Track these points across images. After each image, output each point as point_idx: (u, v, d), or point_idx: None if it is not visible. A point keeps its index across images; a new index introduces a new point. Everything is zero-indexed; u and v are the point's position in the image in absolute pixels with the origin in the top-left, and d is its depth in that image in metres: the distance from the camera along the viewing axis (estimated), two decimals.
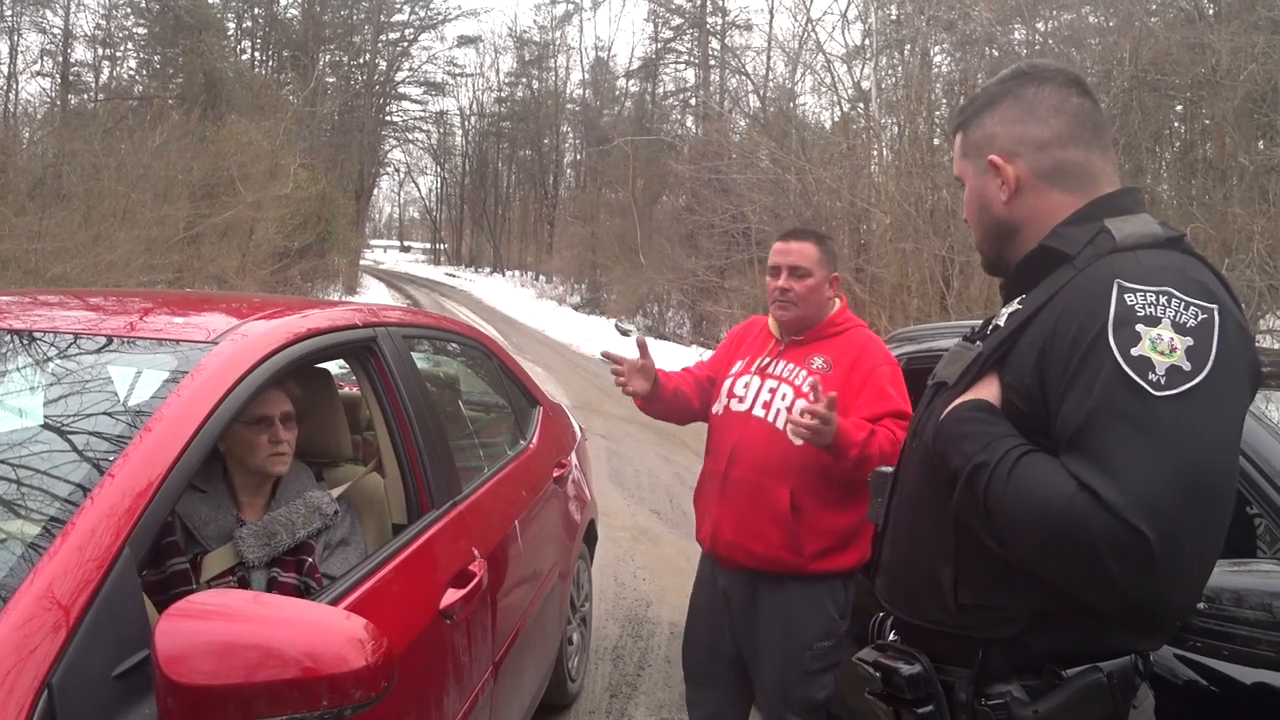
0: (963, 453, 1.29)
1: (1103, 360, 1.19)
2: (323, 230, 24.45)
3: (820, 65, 18.65)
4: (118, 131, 18.19)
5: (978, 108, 1.50)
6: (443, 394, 3.58)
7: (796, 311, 2.67)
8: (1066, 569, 1.18)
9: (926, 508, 1.46)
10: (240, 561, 2.11)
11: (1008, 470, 1.22)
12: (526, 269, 43.03)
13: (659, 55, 35.85)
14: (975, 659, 1.34)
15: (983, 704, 1.31)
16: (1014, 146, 1.44)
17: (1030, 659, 1.31)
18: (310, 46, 35.93)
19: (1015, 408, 1.31)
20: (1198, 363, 1.16)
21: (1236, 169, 9.82)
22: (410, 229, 76.54)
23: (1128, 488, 1.12)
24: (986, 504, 1.24)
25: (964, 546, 1.35)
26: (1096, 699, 1.27)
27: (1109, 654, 1.29)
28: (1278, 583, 1.80)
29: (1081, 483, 1.15)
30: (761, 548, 2.57)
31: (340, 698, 1.26)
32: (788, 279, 2.65)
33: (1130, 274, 1.23)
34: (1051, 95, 1.44)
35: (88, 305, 2.19)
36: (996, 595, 1.33)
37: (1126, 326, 1.19)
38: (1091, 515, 1.13)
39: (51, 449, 1.58)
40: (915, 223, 12.48)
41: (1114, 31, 11.39)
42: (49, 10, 26.24)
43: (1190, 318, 1.19)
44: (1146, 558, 1.10)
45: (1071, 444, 1.20)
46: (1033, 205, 1.43)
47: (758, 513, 2.57)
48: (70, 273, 12.02)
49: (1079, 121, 1.43)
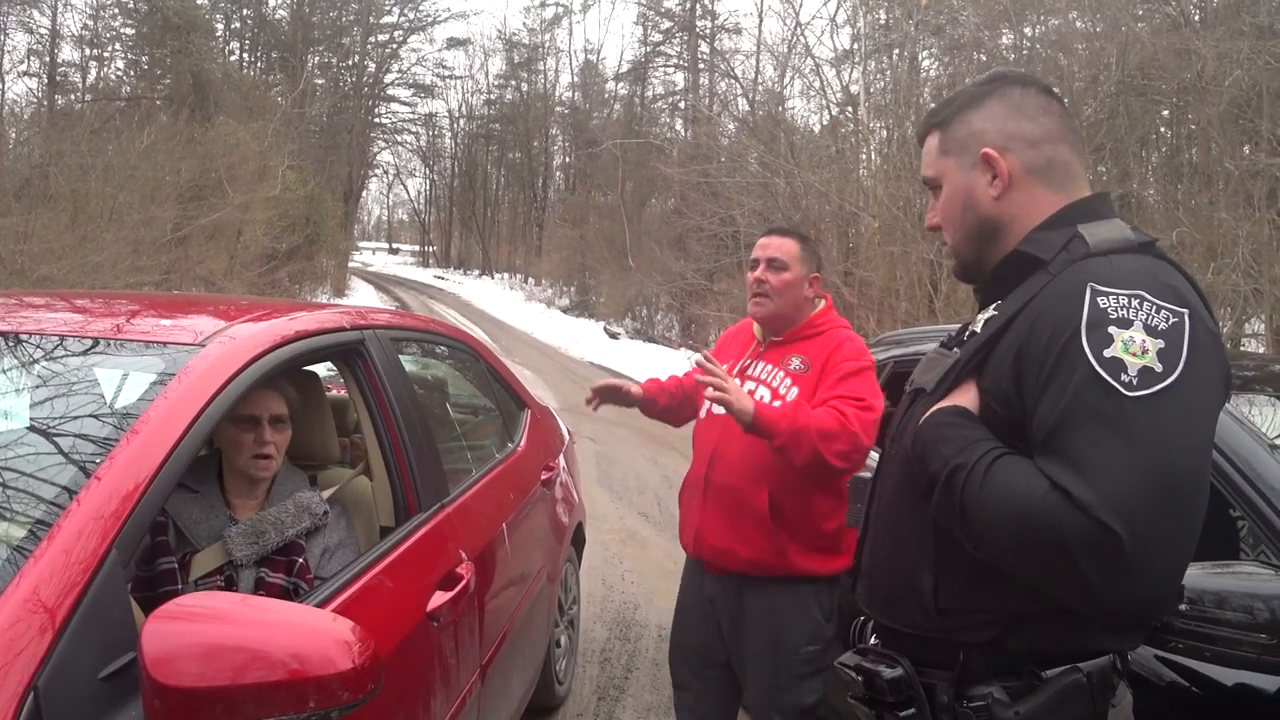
0: (940, 457, 1.30)
1: (1076, 362, 1.21)
2: (311, 232, 24.39)
3: (809, 69, 18.76)
4: (105, 132, 18.07)
5: (959, 106, 1.51)
6: (430, 397, 3.58)
7: (771, 306, 2.64)
8: (1040, 569, 1.19)
9: (906, 513, 1.47)
10: (228, 560, 2.11)
11: (983, 473, 1.23)
12: (515, 272, 42.94)
13: (648, 58, 35.94)
14: (956, 661, 1.35)
15: (964, 706, 1.32)
16: (1006, 142, 1.45)
17: (1010, 661, 1.32)
18: (299, 48, 35.81)
19: (993, 412, 1.32)
20: (1169, 364, 1.18)
21: (1222, 174, 9.88)
22: (399, 231, 76.35)
23: (1099, 486, 1.14)
24: (963, 507, 1.25)
25: (943, 550, 1.37)
26: (1076, 699, 1.28)
27: (1087, 654, 1.30)
28: (1259, 585, 1.81)
29: (1054, 483, 1.17)
30: (746, 551, 2.57)
31: (327, 699, 1.26)
32: (765, 271, 2.64)
33: (1103, 278, 1.25)
34: (1036, 97, 1.46)
35: (74, 307, 2.18)
36: (976, 598, 1.34)
37: (1099, 329, 1.21)
38: (1063, 514, 1.14)
39: (38, 451, 1.58)
40: (903, 226, 12.52)
41: (1101, 37, 11.46)
42: (36, 10, 26.15)
43: (1162, 321, 1.21)
44: (1118, 556, 1.12)
45: (1045, 445, 1.21)
46: (1019, 202, 1.44)
47: (739, 516, 2.56)
48: (57, 274, 11.95)
49: (1064, 123, 1.46)
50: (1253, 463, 2.01)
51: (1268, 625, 1.76)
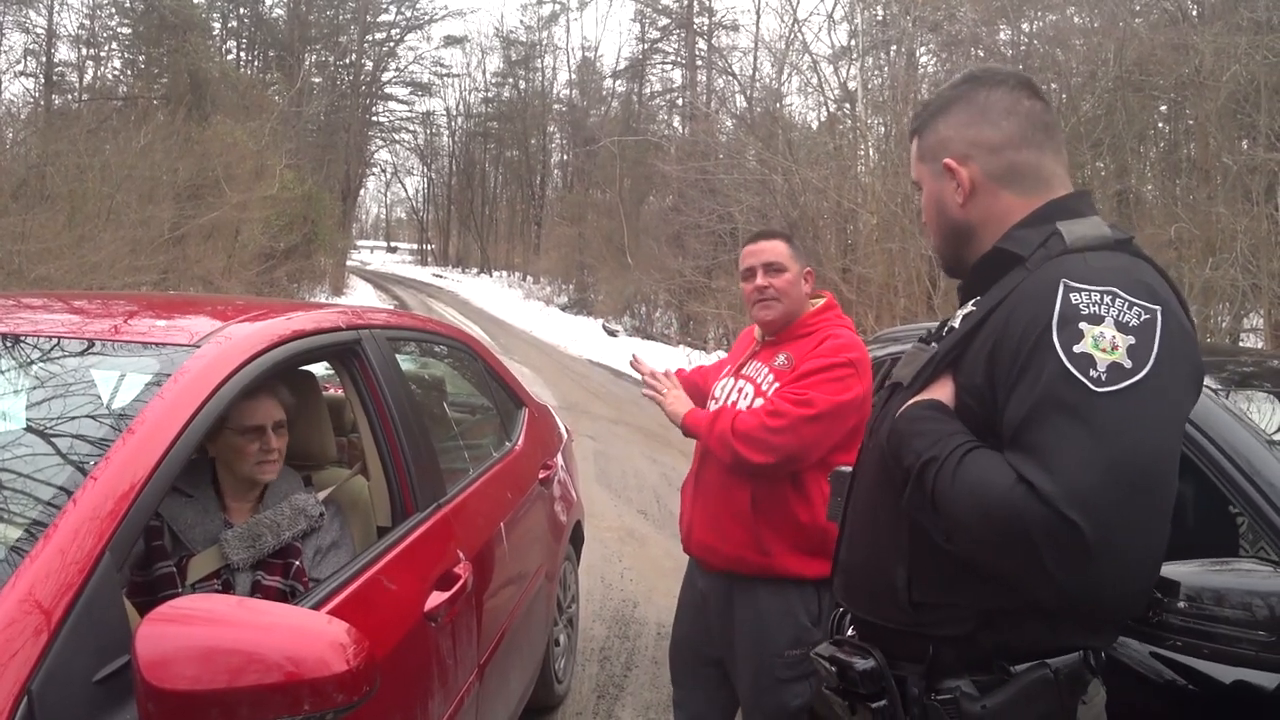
0: (914, 450, 1.31)
1: (1046, 357, 1.22)
2: (309, 231, 24.35)
3: (807, 66, 18.69)
4: (102, 132, 18.03)
5: (931, 113, 1.53)
6: (428, 396, 3.58)
7: (781, 308, 2.63)
8: (1006, 561, 1.20)
9: (882, 507, 1.48)
10: (225, 564, 2.11)
11: (954, 466, 1.24)
12: (514, 270, 42.94)
13: (646, 55, 35.91)
14: (926, 654, 1.37)
15: (933, 699, 1.34)
16: (967, 150, 1.47)
17: (981, 655, 1.33)
18: (296, 46, 35.80)
19: (968, 407, 1.33)
20: (1139, 361, 1.19)
21: (1220, 169, 9.87)
22: (397, 230, 76.29)
23: (1062, 480, 1.14)
24: (934, 500, 1.26)
25: (917, 545, 1.38)
26: (1042, 695, 1.30)
27: (1058, 651, 1.32)
28: (1258, 581, 1.81)
29: (1020, 475, 1.17)
30: (728, 547, 2.58)
31: (322, 702, 1.26)
32: (765, 276, 2.63)
33: (1077, 274, 1.26)
34: (1003, 98, 1.46)
35: (71, 308, 2.18)
36: (949, 594, 1.36)
37: (1070, 325, 1.22)
38: (1027, 507, 1.15)
39: (34, 452, 1.58)
40: (902, 223, 12.52)
41: (1099, 32, 11.45)
42: (32, 10, 26.08)
43: (1133, 317, 1.21)
44: (1080, 549, 1.12)
45: (1014, 439, 1.22)
46: (987, 207, 1.46)
47: (723, 511, 2.58)
48: (54, 274, 11.92)
49: (1031, 124, 1.46)
50: (1251, 459, 2.00)
51: (1267, 622, 1.76)
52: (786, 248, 2.66)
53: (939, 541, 1.30)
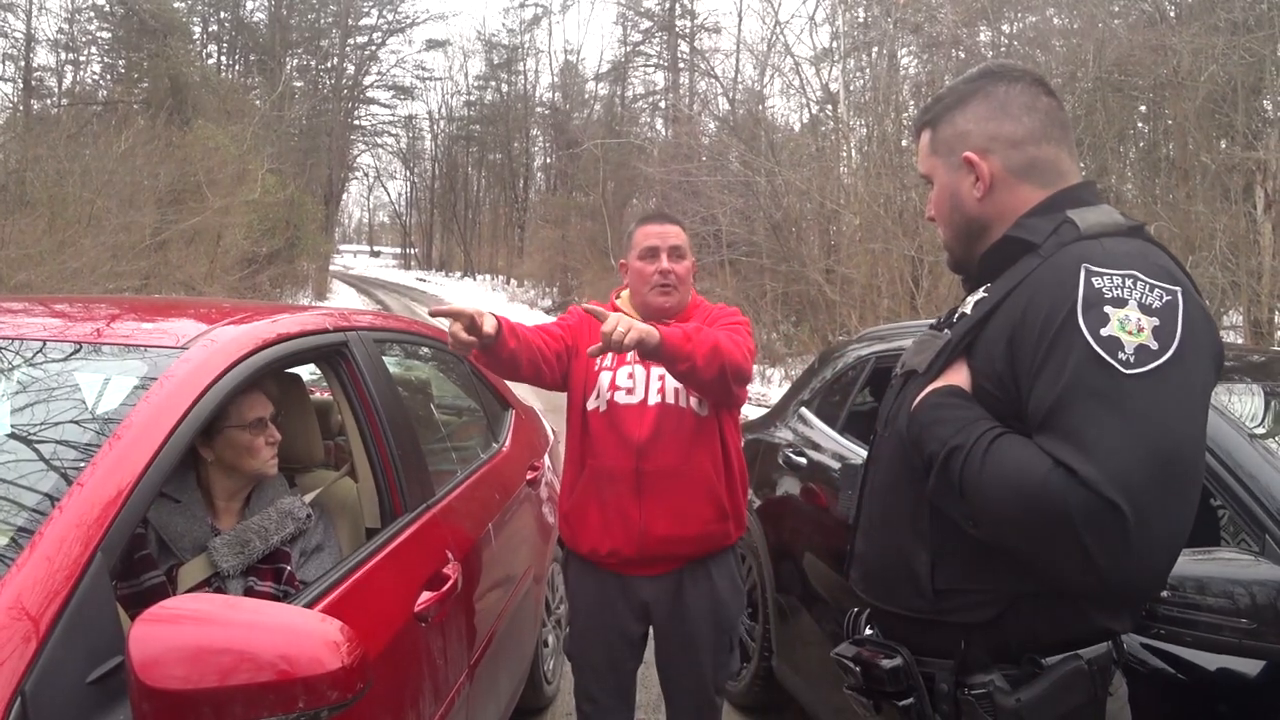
0: (937, 438, 1.30)
1: (1073, 341, 1.22)
2: (291, 235, 24.27)
3: (789, 68, 18.74)
4: (82, 137, 17.89)
5: (947, 105, 1.51)
6: (414, 398, 3.57)
7: (679, 296, 2.58)
8: (1044, 547, 1.20)
9: (900, 496, 1.47)
10: (215, 572, 2.09)
11: (983, 452, 1.24)
12: (498, 273, 42.85)
13: (628, 58, 35.85)
14: (957, 649, 1.36)
15: (965, 694, 1.33)
16: (987, 143, 1.45)
17: (1008, 647, 1.33)
18: (277, 51, 35.64)
19: (986, 392, 1.33)
20: (1164, 342, 1.19)
21: (1199, 168, 9.96)
22: (380, 234, 76.10)
23: (1102, 463, 1.14)
24: (963, 487, 1.25)
25: (939, 531, 1.37)
26: (1077, 686, 1.30)
27: (1082, 635, 1.32)
28: (1239, 570, 1.84)
29: (1056, 460, 1.17)
30: (695, 529, 2.50)
31: (316, 699, 1.26)
32: (670, 260, 2.57)
33: (1096, 259, 1.27)
34: (1023, 94, 1.46)
35: (54, 311, 2.17)
36: (973, 579, 1.35)
37: (1095, 308, 1.22)
38: (1067, 491, 1.15)
39: (19, 458, 1.57)
40: (884, 223, 12.57)
41: (1078, 34, 11.54)
42: (10, 14, 25.89)
43: (1155, 299, 1.22)
44: (1121, 531, 1.13)
45: (1045, 424, 1.22)
46: (1005, 201, 1.45)
47: (689, 494, 2.49)
48: (34, 280, 11.82)
49: (1049, 120, 1.46)
50: (1233, 452, 2.03)
51: (1248, 610, 1.78)
52: (685, 235, 2.64)
53: (965, 527, 1.30)
